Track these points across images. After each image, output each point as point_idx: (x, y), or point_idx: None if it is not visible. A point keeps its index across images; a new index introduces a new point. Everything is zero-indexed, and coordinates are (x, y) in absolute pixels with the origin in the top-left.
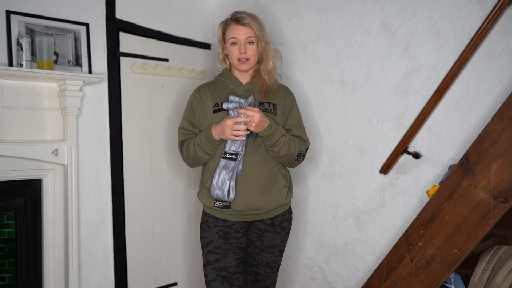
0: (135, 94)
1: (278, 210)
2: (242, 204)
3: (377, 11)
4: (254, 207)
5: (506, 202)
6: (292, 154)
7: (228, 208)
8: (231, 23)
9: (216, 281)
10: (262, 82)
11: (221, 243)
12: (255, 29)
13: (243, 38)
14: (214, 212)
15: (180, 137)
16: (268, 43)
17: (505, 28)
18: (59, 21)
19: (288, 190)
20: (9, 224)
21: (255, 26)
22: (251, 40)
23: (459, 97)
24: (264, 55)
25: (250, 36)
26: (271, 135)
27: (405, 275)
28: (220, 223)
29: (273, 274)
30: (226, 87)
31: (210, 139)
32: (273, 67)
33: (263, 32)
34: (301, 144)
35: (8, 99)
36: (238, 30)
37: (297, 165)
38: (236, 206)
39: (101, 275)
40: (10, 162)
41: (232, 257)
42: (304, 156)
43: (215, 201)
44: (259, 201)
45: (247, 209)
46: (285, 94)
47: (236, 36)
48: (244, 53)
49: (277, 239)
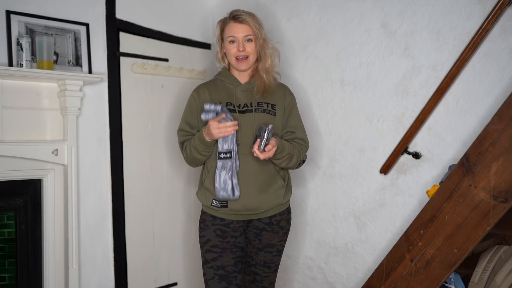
0: (135, 94)
1: (275, 209)
2: (239, 204)
3: (377, 11)
4: (251, 207)
5: (506, 202)
6: (293, 166)
7: (225, 207)
8: (229, 21)
9: (214, 280)
10: (260, 81)
11: (218, 242)
12: (253, 27)
13: (241, 36)
14: (212, 211)
15: (180, 138)
16: (267, 41)
17: (505, 28)
18: (59, 21)
19: (286, 190)
20: (9, 224)
21: (253, 24)
22: (249, 38)
23: (459, 97)
24: (262, 53)
25: (248, 34)
26: (277, 154)
27: (405, 275)
28: (218, 221)
29: (271, 274)
30: (225, 87)
31: (203, 140)
32: (271, 65)
33: (261, 30)
34: (302, 153)
35: (8, 99)
36: (236, 28)
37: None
38: (233, 206)
39: (101, 275)
40: (10, 162)
41: (229, 256)
42: (304, 161)
43: (213, 200)
44: (255, 201)
45: (244, 209)
46: (285, 93)
47: (235, 34)
48: (243, 50)
49: (275, 239)
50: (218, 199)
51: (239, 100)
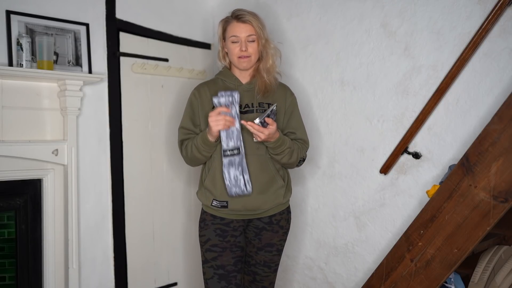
0: (135, 94)
1: (275, 209)
2: (239, 204)
3: (377, 11)
4: (251, 207)
5: (506, 202)
6: (294, 162)
7: (225, 208)
8: (231, 21)
9: (214, 279)
10: (261, 81)
11: (218, 241)
12: (256, 27)
13: (244, 36)
14: (212, 211)
15: (180, 136)
16: (268, 41)
17: (505, 28)
18: (59, 21)
19: (286, 190)
20: (9, 224)
21: (256, 23)
22: (252, 38)
23: (459, 97)
24: (264, 53)
25: (251, 34)
26: (277, 147)
27: (405, 275)
28: (218, 221)
29: (271, 274)
30: (226, 87)
31: (205, 140)
32: (272, 65)
33: (264, 30)
34: (303, 151)
35: (8, 99)
36: (239, 27)
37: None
38: (233, 206)
39: (101, 275)
40: (10, 162)
41: (229, 255)
42: (304, 160)
43: (213, 200)
44: (255, 201)
45: (244, 209)
46: (286, 94)
47: (237, 34)
48: (245, 50)
49: (275, 238)
50: (218, 199)
51: (240, 100)
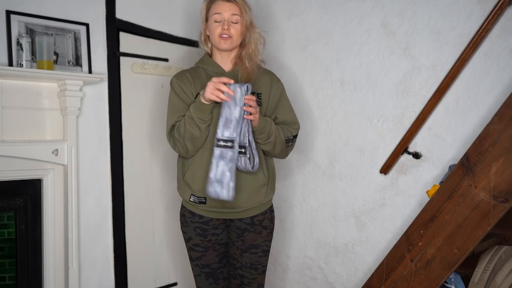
0: (135, 94)
1: (257, 209)
2: (217, 201)
3: (377, 11)
4: (229, 205)
5: (506, 202)
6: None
7: (203, 204)
8: (217, 0)
9: (201, 276)
10: (243, 68)
11: (199, 241)
12: (241, 6)
13: (227, 15)
14: (190, 206)
15: (169, 127)
16: (253, 25)
17: (505, 28)
18: (59, 21)
19: (269, 189)
20: (9, 224)
21: (241, 3)
22: (236, 20)
23: (459, 97)
24: (247, 38)
25: (235, 13)
26: (262, 129)
27: (405, 275)
28: (197, 219)
29: (259, 276)
30: (208, 76)
31: (198, 104)
32: (255, 50)
33: (249, 11)
34: (289, 129)
35: (8, 99)
36: (223, 5)
37: (289, 152)
38: (211, 202)
39: (101, 275)
40: (10, 162)
41: (212, 254)
42: (295, 137)
43: (191, 195)
44: (234, 198)
45: (222, 206)
46: (271, 81)
47: (221, 12)
48: (227, 29)
49: (258, 239)
50: (196, 195)
51: None
